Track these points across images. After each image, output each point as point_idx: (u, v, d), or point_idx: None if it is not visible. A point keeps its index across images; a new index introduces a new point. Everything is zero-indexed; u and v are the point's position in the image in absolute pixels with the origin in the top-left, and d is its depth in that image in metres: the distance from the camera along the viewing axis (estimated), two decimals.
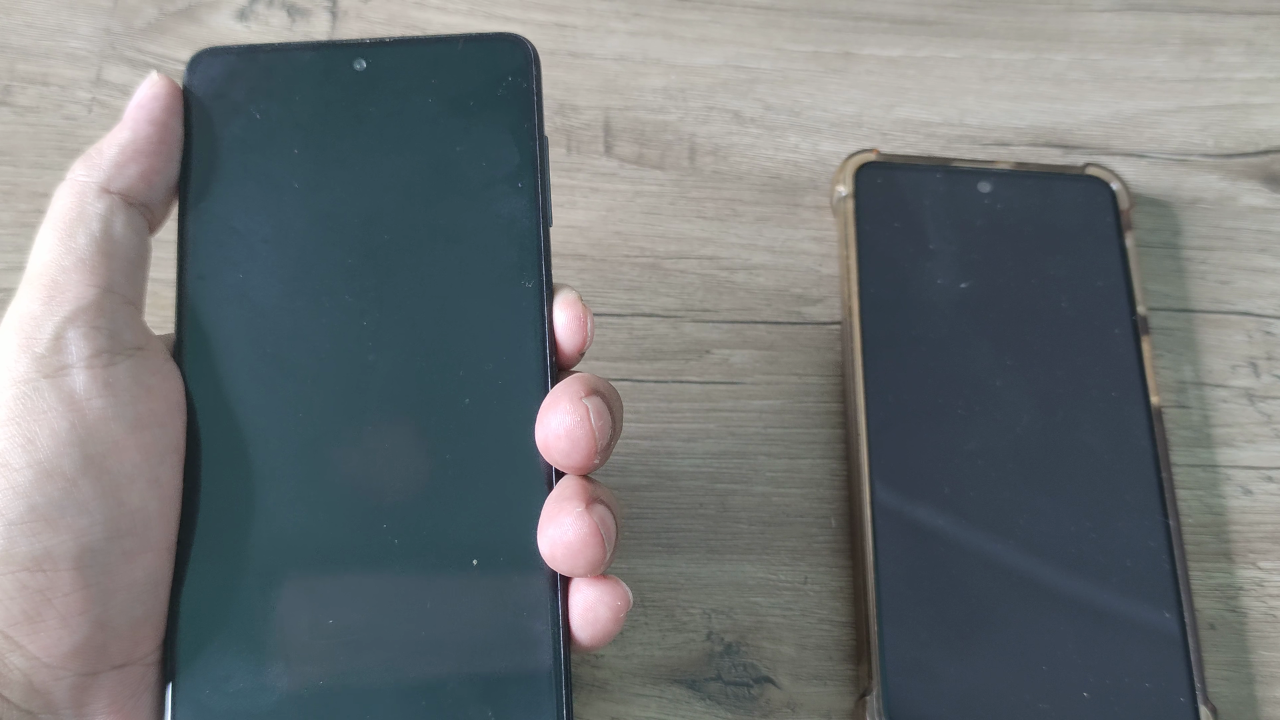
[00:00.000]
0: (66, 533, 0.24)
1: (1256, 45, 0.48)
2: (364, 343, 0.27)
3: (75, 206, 0.27)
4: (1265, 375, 0.41)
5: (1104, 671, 0.34)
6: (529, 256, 0.27)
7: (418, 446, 0.26)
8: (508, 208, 0.27)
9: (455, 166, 0.28)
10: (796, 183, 0.44)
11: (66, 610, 0.23)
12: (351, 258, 0.27)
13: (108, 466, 0.24)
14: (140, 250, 0.27)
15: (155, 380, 0.26)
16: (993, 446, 0.37)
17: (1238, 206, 0.44)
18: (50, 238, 0.26)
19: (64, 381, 0.25)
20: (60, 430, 0.24)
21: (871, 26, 0.47)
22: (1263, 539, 0.38)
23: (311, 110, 0.28)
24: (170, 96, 0.28)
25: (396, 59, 0.28)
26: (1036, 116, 0.46)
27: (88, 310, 0.25)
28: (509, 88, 0.28)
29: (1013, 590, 0.35)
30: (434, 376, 0.26)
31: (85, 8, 0.46)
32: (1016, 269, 0.40)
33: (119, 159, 0.27)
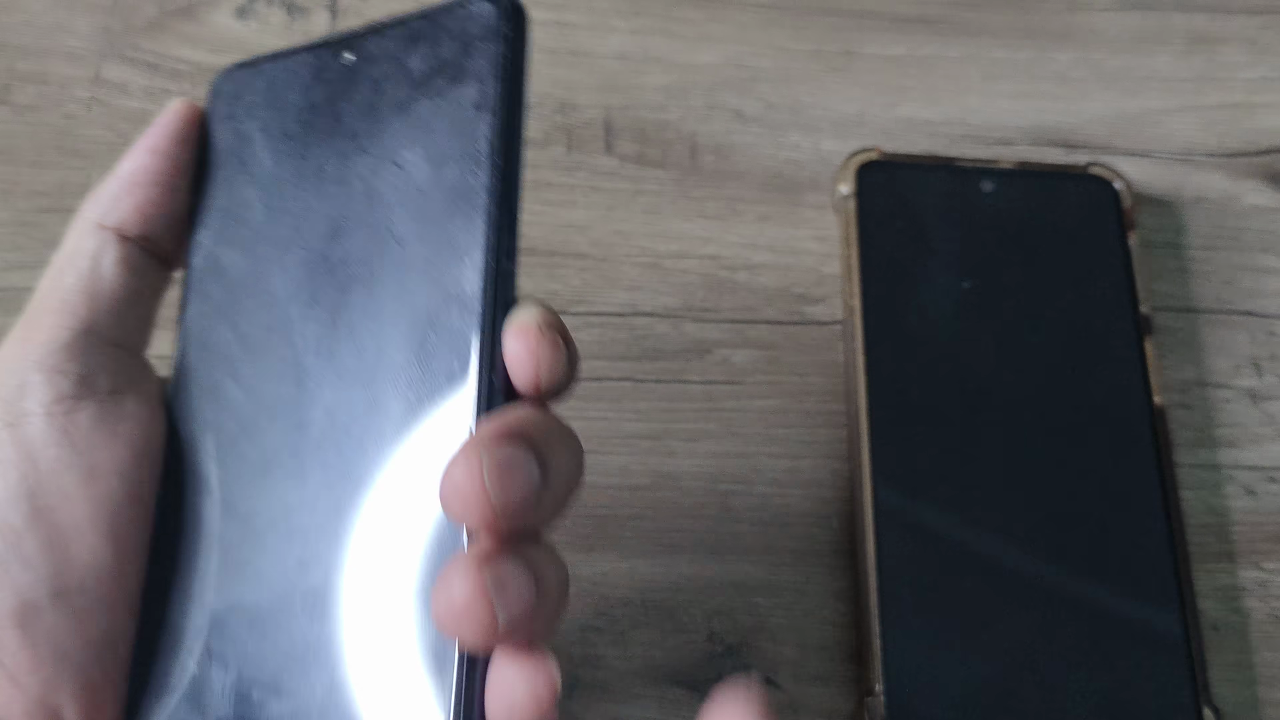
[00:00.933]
0: (8, 588, 0.23)
1: (1260, 44, 0.48)
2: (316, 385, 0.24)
3: (71, 243, 0.26)
4: (1269, 375, 0.41)
5: (1106, 673, 0.34)
6: (470, 262, 0.22)
7: (357, 501, 0.23)
8: (454, 204, 0.23)
9: (411, 162, 0.24)
10: (798, 181, 0.44)
11: (15, 669, 0.23)
12: (324, 278, 0.25)
13: (57, 519, 0.23)
14: (134, 287, 0.26)
15: (124, 427, 0.25)
16: (995, 447, 0.37)
17: (1241, 206, 0.44)
18: (45, 277, 0.26)
19: (22, 430, 0.24)
20: (11, 481, 0.23)
21: (874, 25, 0.47)
22: (1266, 540, 0.38)
23: (303, 117, 0.26)
24: (180, 124, 0.27)
25: (379, 45, 0.25)
26: (1039, 115, 0.46)
27: (56, 353, 0.24)
28: (478, 54, 0.24)
29: (1014, 591, 0.35)
30: (374, 420, 0.23)
31: (84, 6, 0.46)
32: (1019, 268, 0.40)
33: (116, 192, 0.26)
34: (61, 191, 0.42)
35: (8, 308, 0.40)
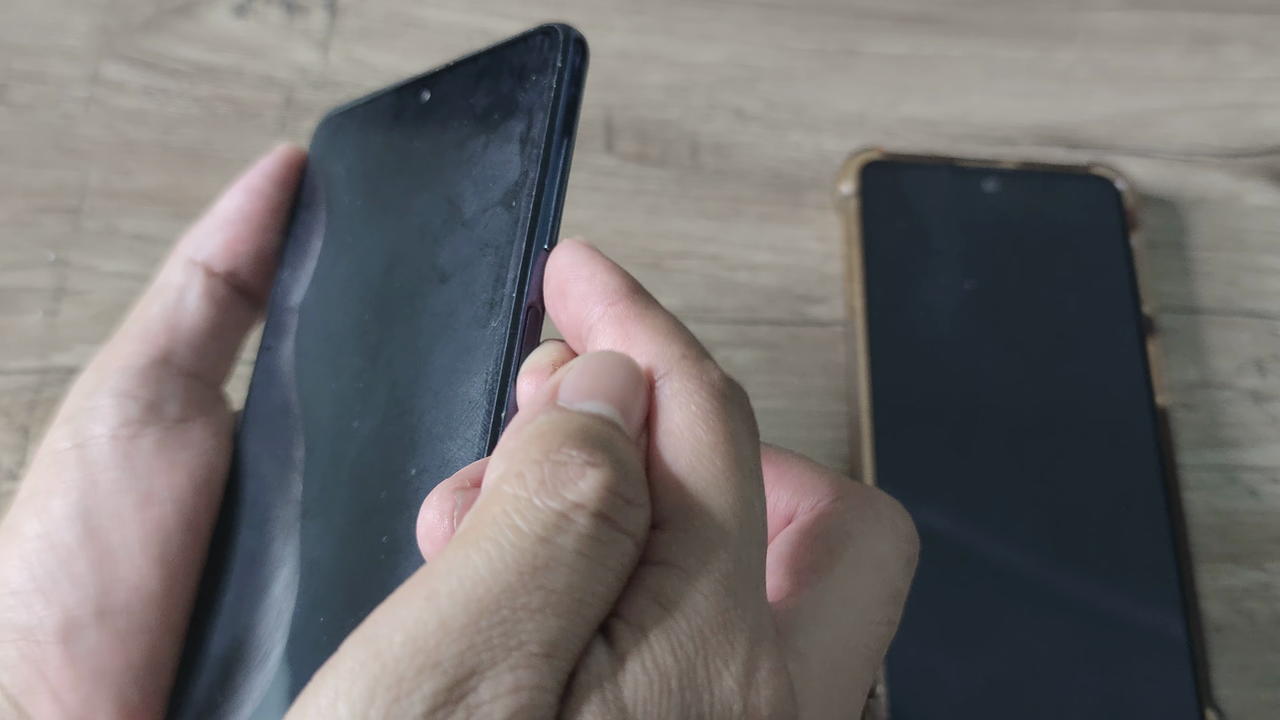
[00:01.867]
0: (56, 606, 0.23)
1: (1263, 43, 0.47)
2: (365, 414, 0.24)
3: (163, 276, 0.27)
4: (1272, 376, 0.41)
5: (1109, 674, 0.34)
6: (501, 294, 0.22)
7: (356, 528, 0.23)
8: (495, 236, 0.23)
9: (466, 196, 0.24)
10: (800, 181, 0.44)
11: (58, 685, 0.23)
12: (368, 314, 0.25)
13: (108, 541, 0.24)
14: (216, 321, 0.27)
15: (185, 455, 0.25)
16: (997, 447, 0.37)
17: (1244, 206, 0.44)
18: (134, 309, 0.27)
19: (87, 451, 0.24)
20: (70, 500, 0.24)
21: (875, 24, 0.47)
22: (1269, 541, 0.38)
23: (382, 157, 0.27)
24: (280, 166, 0.28)
25: (451, 82, 0.26)
26: (1042, 114, 0.45)
27: (129, 379, 0.25)
28: (531, 89, 0.23)
29: (1017, 591, 0.35)
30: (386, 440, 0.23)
31: (82, 4, 0.45)
32: (1022, 268, 0.40)
33: (208, 228, 0.27)
34: (59, 191, 0.42)
35: (4, 307, 0.39)
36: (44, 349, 0.39)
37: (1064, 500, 0.36)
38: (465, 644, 0.16)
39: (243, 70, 0.44)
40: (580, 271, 0.21)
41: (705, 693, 0.16)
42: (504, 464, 0.18)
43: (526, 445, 0.18)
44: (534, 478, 0.17)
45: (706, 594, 0.17)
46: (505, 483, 0.17)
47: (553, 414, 0.18)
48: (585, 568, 0.17)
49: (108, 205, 0.41)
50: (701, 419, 0.19)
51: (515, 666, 0.16)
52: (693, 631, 0.17)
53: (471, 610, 0.16)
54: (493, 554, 0.16)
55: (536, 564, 0.16)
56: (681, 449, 0.18)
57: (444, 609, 0.16)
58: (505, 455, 0.18)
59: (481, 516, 0.17)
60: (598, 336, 0.21)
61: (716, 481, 0.18)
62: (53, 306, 0.40)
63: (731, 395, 0.19)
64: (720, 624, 0.17)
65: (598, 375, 0.19)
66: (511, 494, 0.17)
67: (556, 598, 0.16)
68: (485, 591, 0.16)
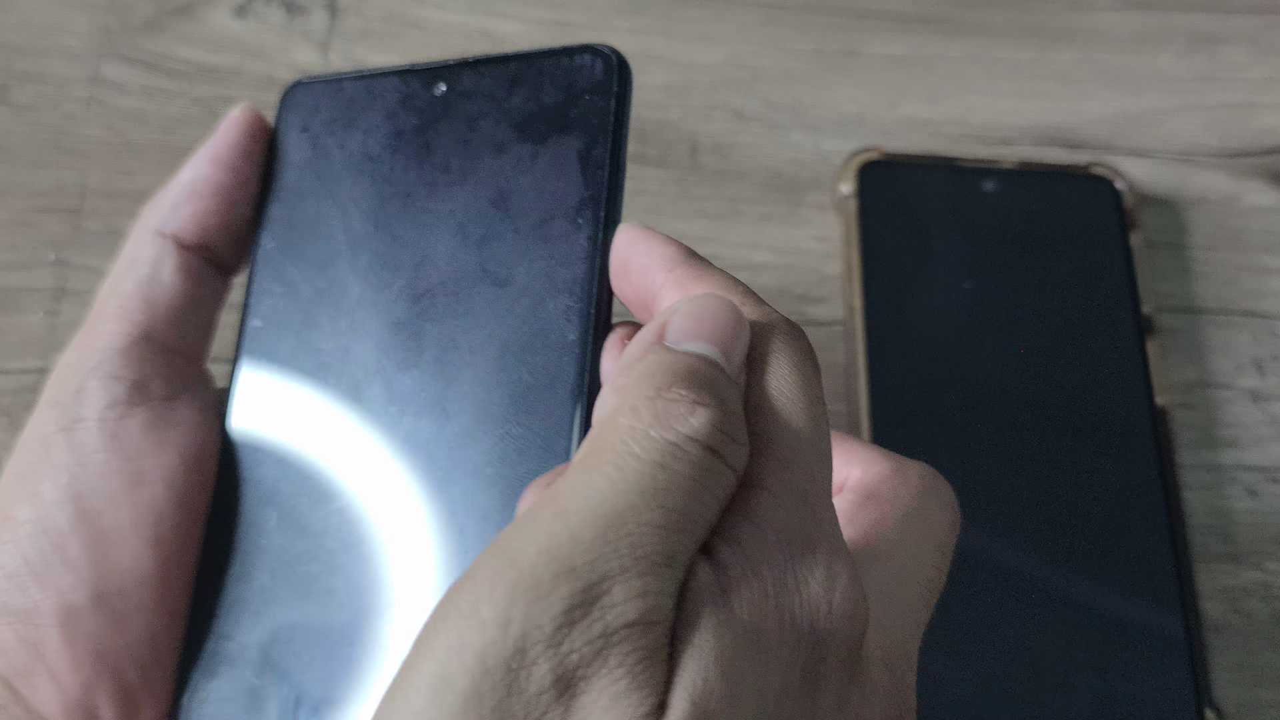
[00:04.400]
0: (52, 589, 0.23)
1: (1262, 44, 0.47)
2: (410, 403, 0.25)
3: (131, 250, 0.26)
4: (1271, 376, 0.41)
5: (1108, 673, 0.34)
6: (576, 303, 0.24)
7: (445, 501, 0.24)
8: (563, 250, 0.24)
9: (519, 203, 0.25)
10: (799, 181, 0.44)
11: (56, 668, 0.23)
12: (405, 297, 0.25)
13: (101, 524, 0.24)
14: (192, 295, 0.26)
15: (174, 434, 0.25)
16: (996, 447, 0.37)
17: (1243, 206, 0.44)
18: (105, 283, 0.26)
19: (75, 435, 0.24)
20: (61, 484, 0.24)
21: (875, 24, 0.47)
22: (1268, 541, 0.38)
23: (388, 143, 0.27)
24: (242, 135, 0.27)
25: (474, 80, 0.26)
26: (1041, 115, 0.45)
27: (113, 359, 0.25)
28: (584, 108, 0.25)
29: (1016, 591, 0.35)
30: (467, 420, 0.24)
31: (82, 5, 0.45)
32: (1021, 268, 0.40)
33: (175, 200, 0.26)
34: (60, 191, 0.42)
35: (5, 307, 0.39)
36: (45, 349, 0.39)
37: (1063, 500, 0.36)
38: (596, 554, 0.17)
39: (243, 71, 0.44)
40: (639, 247, 0.23)
41: (795, 595, 0.19)
42: (616, 399, 0.20)
43: (639, 382, 0.20)
44: (648, 412, 0.19)
45: (790, 511, 0.19)
46: (620, 415, 0.19)
47: (661, 353, 0.20)
48: (696, 491, 0.18)
49: (108, 205, 0.41)
50: (771, 355, 0.21)
51: (642, 573, 0.17)
52: (781, 544, 0.19)
53: (599, 525, 0.18)
54: (614, 477, 0.18)
55: (656, 486, 0.18)
56: (757, 383, 0.20)
57: (573, 524, 0.18)
58: (617, 391, 0.20)
59: (600, 445, 0.19)
60: (663, 298, 0.23)
61: (791, 409, 0.20)
62: (53, 307, 0.40)
63: (793, 332, 0.22)
64: (804, 537, 0.19)
65: (701, 317, 0.21)
66: (627, 425, 0.19)
67: (674, 517, 0.18)
68: (611, 508, 0.18)
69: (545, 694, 0.17)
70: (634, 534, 0.18)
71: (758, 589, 0.18)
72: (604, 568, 0.17)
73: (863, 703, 0.20)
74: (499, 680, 0.17)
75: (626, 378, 0.20)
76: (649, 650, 0.17)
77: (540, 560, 0.17)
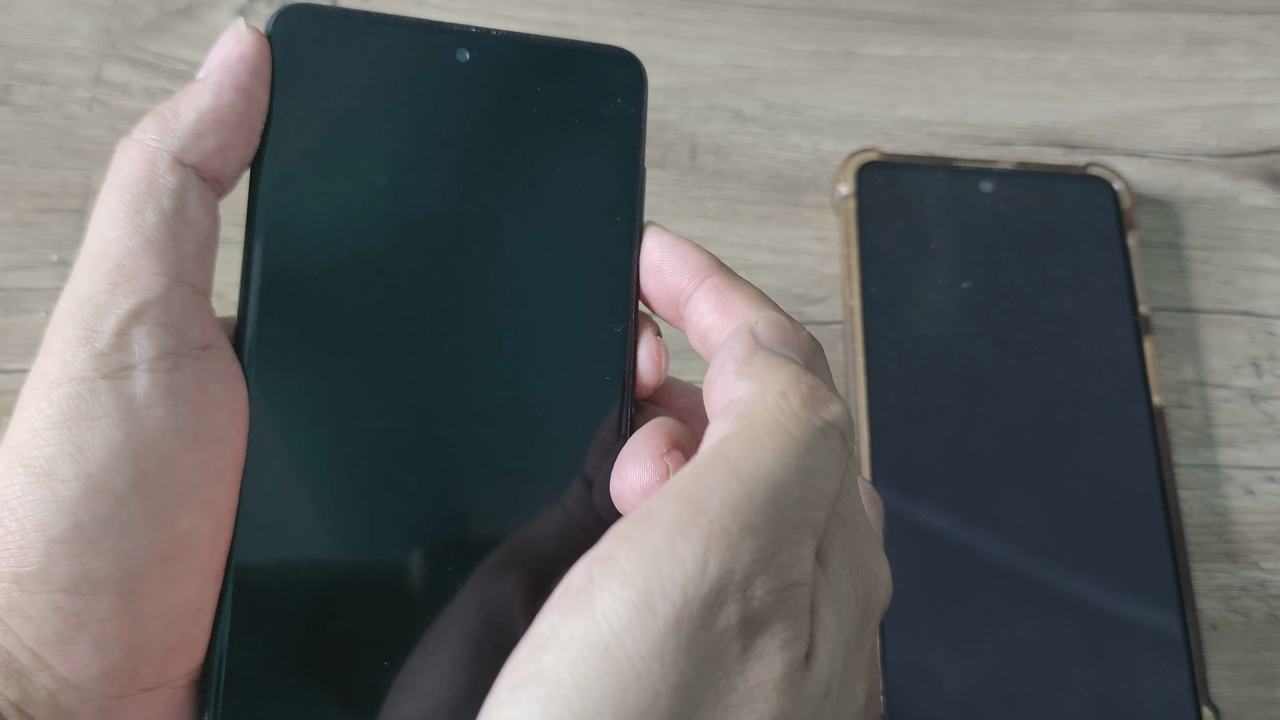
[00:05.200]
0: (109, 555, 0.22)
1: (1259, 45, 0.48)
2: (442, 356, 0.25)
3: (145, 176, 0.23)
4: (1267, 375, 0.41)
5: (1105, 672, 0.34)
6: (621, 294, 0.26)
7: (491, 484, 0.25)
8: (601, 241, 0.26)
9: (551, 185, 0.26)
10: (798, 182, 0.44)
11: (101, 635, 0.22)
12: (437, 263, 0.25)
13: (160, 485, 0.22)
14: (212, 232, 0.24)
15: (220, 387, 0.23)
16: (994, 447, 0.37)
17: (1240, 206, 0.44)
18: (117, 210, 0.23)
19: (124, 385, 0.22)
20: (114, 441, 0.22)
21: (873, 25, 0.47)
22: (1265, 539, 0.38)
23: (407, 95, 0.25)
24: (259, 58, 0.25)
25: (503, 55, 0.26)
26: (1038, 116, 0.46)
27: (156, 304, 0.23)
28: (616, 110, 0.26)
29: (1014, 591, 0.35)
30: (513, 406, 0.25)
31: (85, 6, 0.46)
32: (1018, 269, 0.40)
33: (197, 128, 0.24)
34: (62, 192, 0.42)
35: (8, 308, 0.40)
36: None
37: (1061, 499, 0.37)
38: (768, 517, 0.20)
39: None
40: (674, 250, 0.25)
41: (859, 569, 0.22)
42: (752, 384, 0.22)
43: (776, 370, 0.22)
44: (796, 396, 0.21)
45: (853, 497, 0.23)
46: (768, 396, 0.21)
47: (772, 353, 0.23)
48: (833, 474, 0.21)
49: None
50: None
51: (800, 540, 0.20)
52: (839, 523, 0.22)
53: (770, 492, 0.20)
54: (778, 451, 0.20)
55: (810, 466, 0.20)
56: None
57: (749, 487, 0.20)
58: (747, 375, 0.22)
59: (758, 421, 0.21)
60: (699, 304, 0.25)
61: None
62: (56, 307, 0.40)
63: (818, 349, 0.24)
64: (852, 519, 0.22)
65: (785, 333, 0.23)
66: (777, 406, 0.21)
67: (819, 495, 0.21)
68: (777, 479, 0.20)
69: (730, 631, 0.19)
70: (793, 505, 0.20)
71: (844, 558, 0.22)
72: (776, 531, 0.20)
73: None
74: (696, 613, 0.19)
75: (752, 366, 0.22)
76: (804, 606, 0.20)
77: (726, 513, 0.19)
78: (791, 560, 0.20)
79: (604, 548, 0.20)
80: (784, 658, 0.20)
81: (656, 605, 0.19)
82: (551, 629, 0.19)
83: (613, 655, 0.19)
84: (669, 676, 0.19)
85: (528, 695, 0.19)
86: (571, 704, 0.19)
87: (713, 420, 0.22)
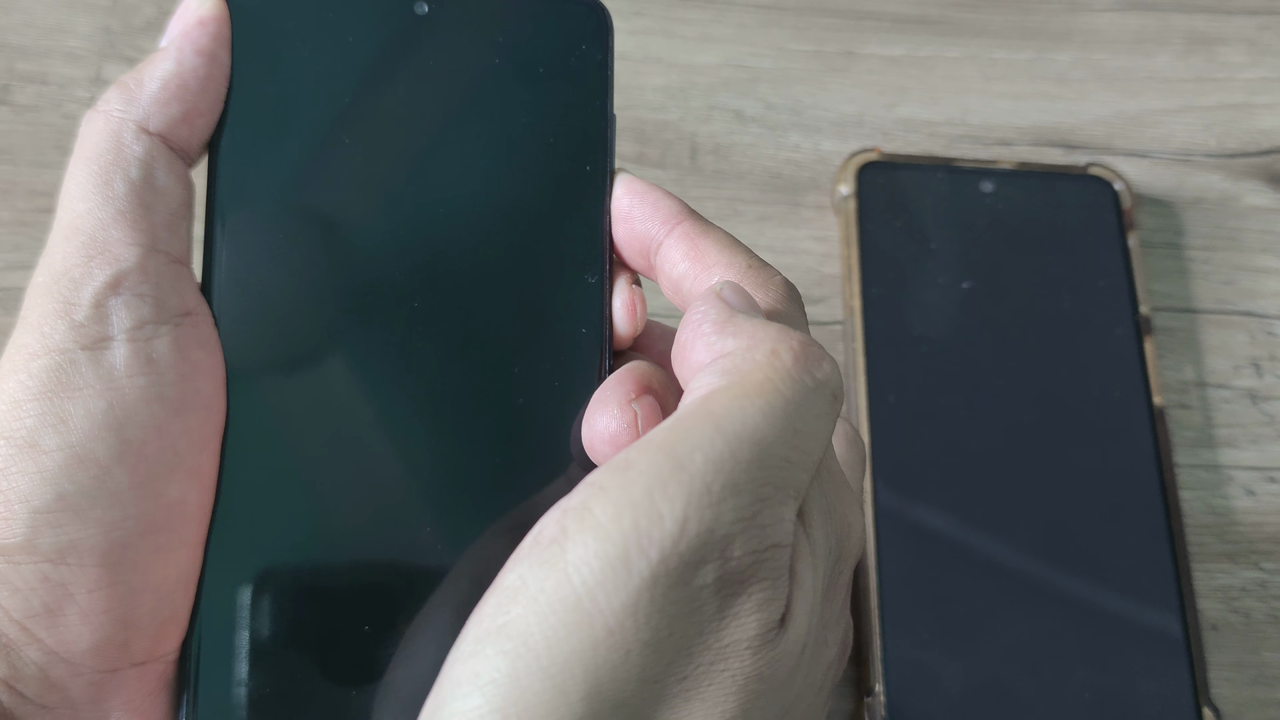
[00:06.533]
0: (95, 526, 0.21)
1: (1259, 45, 0.48)
2: (414, 313, 0.24)
3: (111, 147, 0.23)
4: (1268, 375, 0.41)
5: (1106, 673, 0.34)
6: (594, 244, 0.25)
7: (468, 440, 0.24)
8: (572, 190, 0.25)
9: (518, 136, 0.25)
10: (798, 182, 0.44)
11: (89, 607, 0.22)
12: (407, 220, 0.25)
13: (146, 454, 0.22)
14: (185, 200, 0.24)
15: (202, 355, 0.23)
16: (994, 447, 0.37)
17: (1240, 206, 0.44)
18: (85, 182, 0.23)
19: (103, 355, 0.22)
20: (96, 410, 0.22)
21: (873, 25, 0.47)
22: (1265, 540, 0.38)
23: (367, 51, 0.25)
24: (220, 22, 0.24)
25: (462, 6, 0.26)
26: (1039, 116, 0.46)
27: (131, 274, 0.22)
28: (581, 57, 0.26)
29: (1014, 591, 0.35)
30: (489, 361, 0.24)
31: (84, 6, 0.46)
32: (1019, 269, 0.40)
33: (161, 95, 0.23)
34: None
35: (7, 307, 0.40)
36: None
37: (1061, 500, 0.36)
38: (752, 476, 0.19)
39: None
40: (645, 198, 0.25)
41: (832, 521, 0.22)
42: (739, 340, 0.21)
43: (761, 326, 0.21)
44: (789, 354, 0.21)
45: (830, 447, 0.22)
46: (757, 352, 0.21)
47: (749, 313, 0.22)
48: (824, 436, 0.21)
49: None
50: (778, 316, 0.23)
51: (783, 501, 0.20)
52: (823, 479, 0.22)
53: (755, 450, 0.19)
54: (766, 410, 0.20)
55: (798, 426, 0.20)
56: None
57: (733, 445, 0.19)
58: (734, 333, 0.21)
59: (745, 378, 0.20)
60: (670, 252, 0.24)
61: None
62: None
63: (795, 295, 0.24)
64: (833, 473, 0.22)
65: (747, 299, 0.23)
66: (768, 363, 0.20)
67: (808, 457, 0.20)
68: (763, 437, 0.19)
69: (706, 589, 0.19)
70: (779, 466, 0.20)
71: (821, 509, 0.21)
72: (759, 491, 0.19)
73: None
74: (673, 569, 0.19)
75: (735, 325, 0.21)
76: (784, 567, 0.20)
77: (708, 470, 0.19)
78: (773, 521, 0.20)
79: (578, 498, 0.19)
80: (760, 618, 0.19)
81: (633, 561, 0.18)
82: (521, 581, 0.19)
83: (584, 610, 0.18)
84: (642, 633, 0.19)
85: (495, 648, 0.19)
86: (540, 658, 0.18)
87: (695, 376, 0.21)
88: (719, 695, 0.19)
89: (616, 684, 0.19)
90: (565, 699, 0.18)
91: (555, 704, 0.18)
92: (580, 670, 0.18)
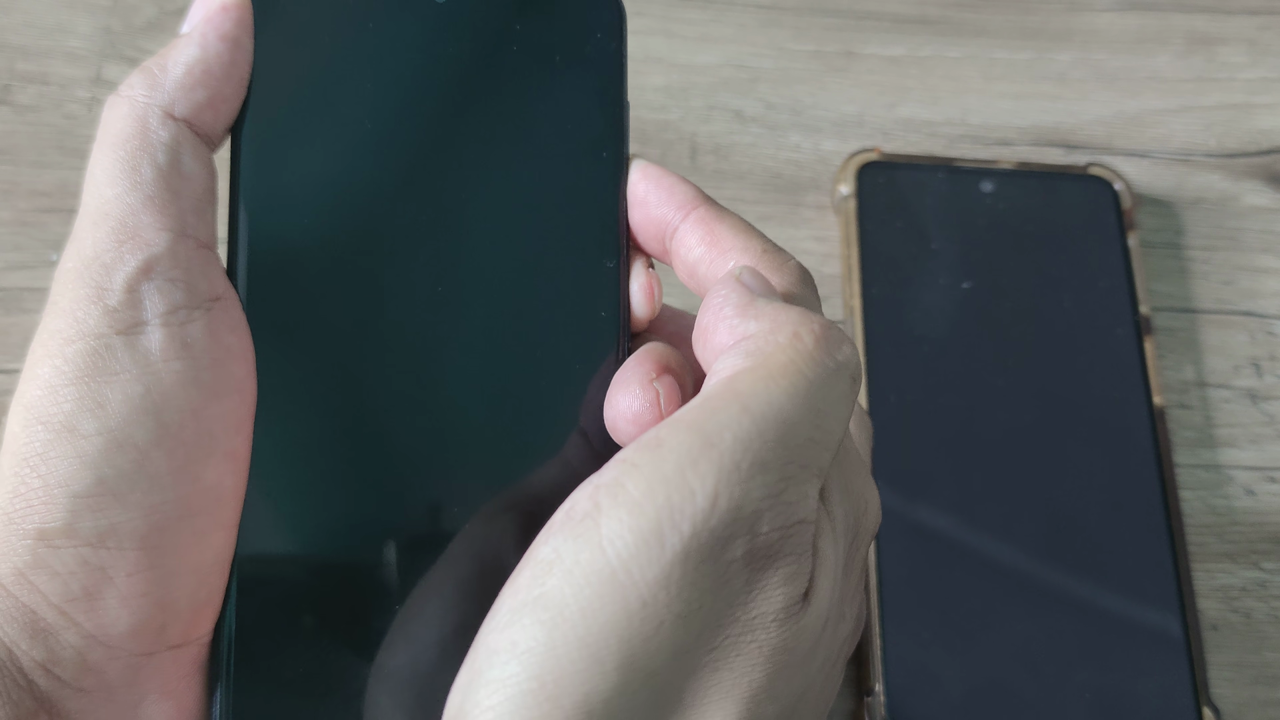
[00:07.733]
0: (136, 510, 0.21)
1: (1259, 45, 0.48)
2: (435, 298, 0.25)
3: (138, 132, 0.23)
4: (1268, 375, 0.41)
5: (1106, 673, 0.34)
6: (611, 229, 0.25)
7: (494, 422, 0.24)
8: (588, 177, 0.26)
9: (536, 124, 0.26)
10: (798, 182, 0.44)
11: (128, 590, 0.22)
12: (427, 206, 0.25)
13: (183, 438, 0.22)
14: (210, 185, 0.24)
15: (234, 339, 0.23)
16: (994, 447, 0.37)
17: (1240, 206, 0.44)
18: (112, 167, 0.23)
19: (139, 340, 0.22)
20: (134, 395, 0.22)
21: (874, 25, 0.47)
22: (1265, 540, 0.38)
23: (388, 39, 0.25)
24: (242, 8, 0.24)
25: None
26: (1039, 116, 0.46)
27: (162, 259, 0.23)
28: (597, 46, 0.26)
29: (1014, 591, 0.35)
30: (512, 344, 0.25)
31: (85, 6, 0.46)
32: (1019, 269, 0.40)
33: (186, 81, 0.24)
34: (62, 191, 0.42)
35: (8, 307, 0.40)
36: None
37: (1061, 500, 0.37)
38: (778, 455, 0.20)
39: None
40: (661, 182, 0.25)
41: (851, 501, 0.23)
42: (761, 324, 0.21)
43: (783, 309, 0.22)
44: (810, 336, 0.21)
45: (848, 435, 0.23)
46: (780, 335, 0.21)
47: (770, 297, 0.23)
48: (844, 417, 0.21)
49: None
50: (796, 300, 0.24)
51: (807, 479, 0.20)
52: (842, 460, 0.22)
53: (781, 430, 0.20)
54: (790, 390, 0.20)
55: (821, 407, 0.21)
56: None
57: (760, 424, 0.20)
58: (756, 316, 0.22)
59: (770, 360, 0.21)
60: (686, 237, 0.25)
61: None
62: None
63: (808, 279, 0.25)
64: (852, 454, 0.23)
65: (767, 284, 0.23)
66: (791, 346, 0.21)
67: (830, 436, 0.21)
68: (788, 417, 0.20)
69: (735, 564, 0.20)
70: (803, 445, 0.20)
71: (840, 487, 0.22)
72: (784, 469, 0.20)
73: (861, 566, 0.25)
74: (704, 544, 0.19)
75: (756, 308, 0.22)
76: (808, 543, 0.20)
77: (736, 448, 0.20)
78: (799, 498, 0.20)
79: (610, 474, 0.20)
80: (785, 591, 0.20)
81: (665, 535, 0.19)
82: (555, 553, 0.19)
83: (619, 581, 0.19)
84: (674, 605, 0.19)
85: (531, 618, 0.19)
86: (576, 628, 0.19)
87: (719, 357, 0.22)
88: (746, 666, 0.20)
89: (649, 654, 0.19)
90: (600, 668, 0.19)
91: (590, 673, 0.19)
92: (615, 640, 0.19)
